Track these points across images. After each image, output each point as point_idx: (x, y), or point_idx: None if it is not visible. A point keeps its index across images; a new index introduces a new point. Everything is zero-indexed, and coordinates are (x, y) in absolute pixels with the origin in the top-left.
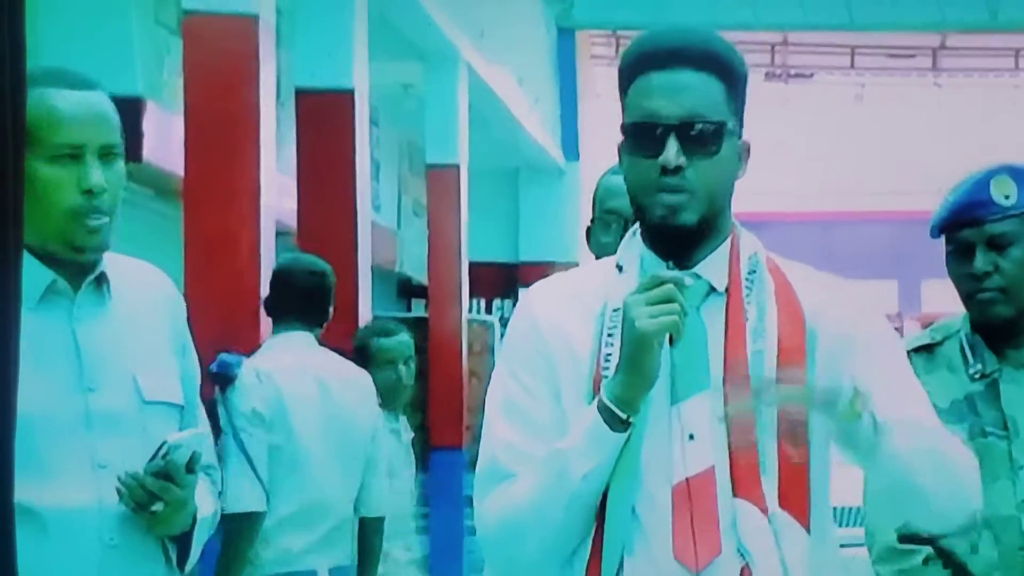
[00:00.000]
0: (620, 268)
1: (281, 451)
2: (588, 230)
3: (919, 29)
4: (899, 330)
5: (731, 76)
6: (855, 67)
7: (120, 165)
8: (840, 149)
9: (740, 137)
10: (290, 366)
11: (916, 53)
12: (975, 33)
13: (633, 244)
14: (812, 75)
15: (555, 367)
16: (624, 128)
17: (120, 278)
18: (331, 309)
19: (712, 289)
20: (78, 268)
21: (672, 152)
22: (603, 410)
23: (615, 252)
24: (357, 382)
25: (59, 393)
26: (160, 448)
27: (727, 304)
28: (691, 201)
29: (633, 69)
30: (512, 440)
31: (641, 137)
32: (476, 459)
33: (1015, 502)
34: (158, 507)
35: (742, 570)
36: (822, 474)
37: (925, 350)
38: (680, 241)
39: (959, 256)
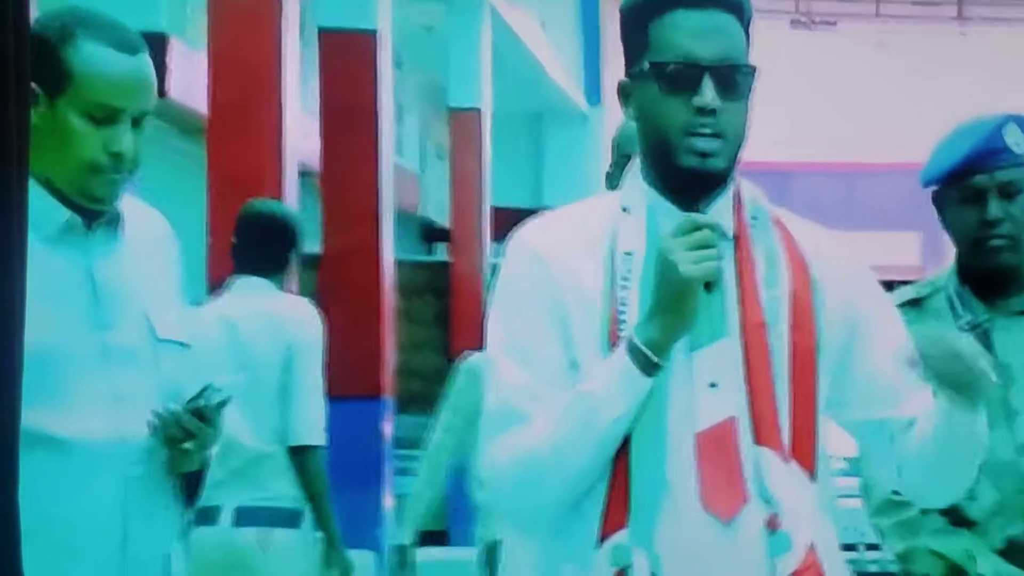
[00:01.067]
0: (625, 209)
1: None
2: (608, 175)
3: None
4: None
5: (746, 19)
6: (879, 15)
7: (145, 127)
8: (864, 98)
9: None
10: (199, 312)
11: (941, 1)
12: None
13: (636, 184)
14: (836, 23)
15: (566, 306)
16: (653, 67)
17: (128, 219)
18: (290, 255)
19: (721, 235)
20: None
21: (710, 94)
22: (635, 353)
23: None
24: (276, 315)
25: (77, 327)
26: (204, 389)
27: (736, 251)
28: (723, 146)
29: (655, 6)
30: (523, 382)
31: (675, 77)
32: None
33: (1013, 447)
34: (189, 445)
35: (770, 519)
36: (824, 424)
37: (912, 304)
38: (706, 187)
39: (967, 203)
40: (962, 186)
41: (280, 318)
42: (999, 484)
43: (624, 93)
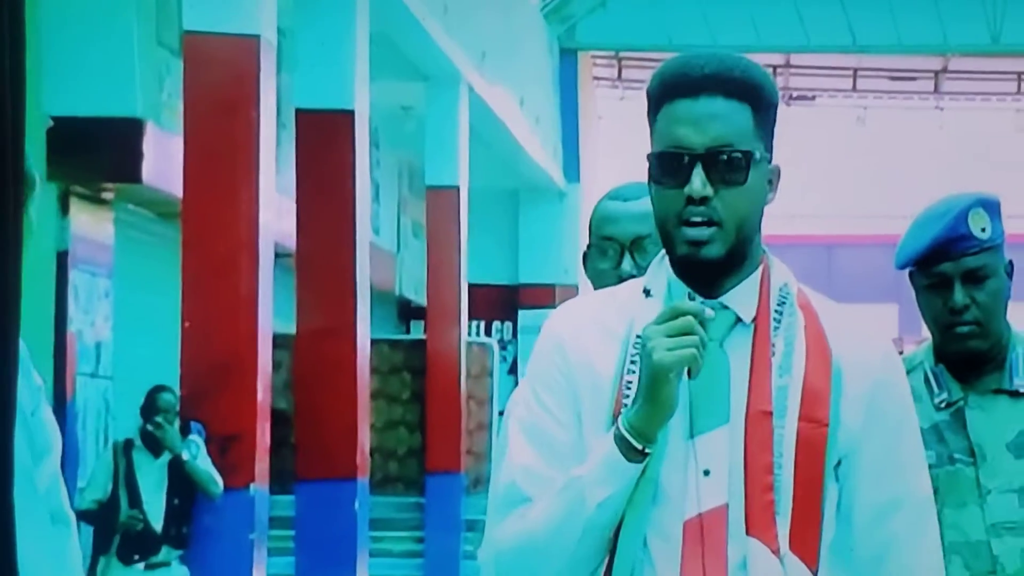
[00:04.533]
0: (648, 293)
1: None
2: (584, 255)
3: (921, 52)
4: (900, 353)
5: (760, 103)
6: (857, 90)
7: None
8: (842, 172)
9: (770, 163)
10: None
11: (918, 76)
12: (977, 56)
13: (661, 269)
14: (814, 98)
15: (577, 389)
16: (650, 157)
17: None
18: None
19: (738, 320)
20: None
21: (698, 183)
22: (619, 440)
23: (611, 279)
24: None
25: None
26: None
27: (754, 337)
28: (718, 234)
29: (661, 97)
30: (531, 464)
31: (667, 166)
32: (474, 483)
33: (984, 527)
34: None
35: None
36: (833, 519)
37: None
38: (707, 274)
39: (935, 289)
40: (929, 273)
41: None
42: (970, 564)
43: (648, 186)
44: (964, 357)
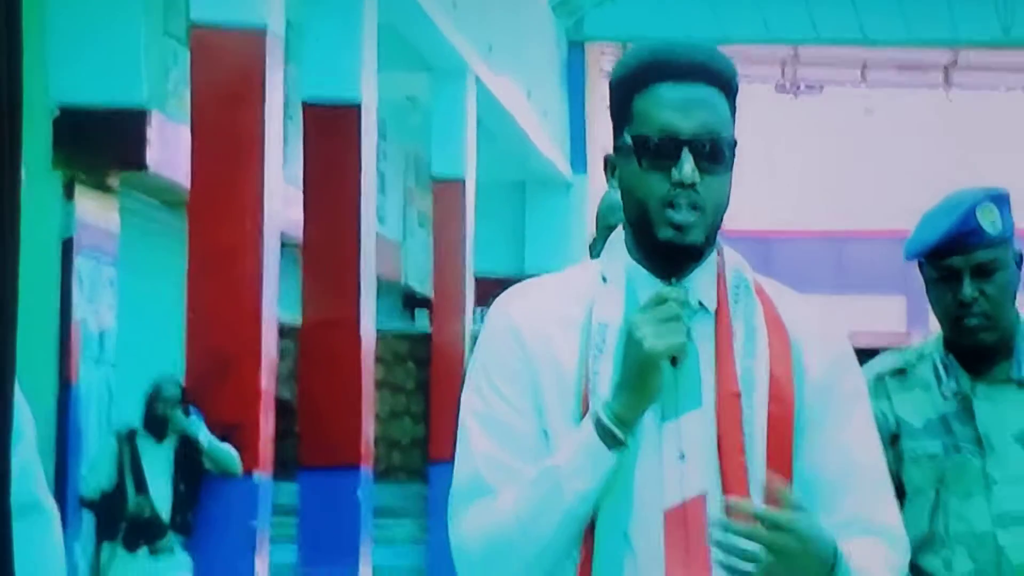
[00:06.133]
0: (604, 279)
1: None
2: (591, 245)
3: (931, 45)
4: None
5: (732, 93)
6: (866, 81)
7: None
8: (850, 164)
9: None
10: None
11: (927, 68)
12: (987, 49)
13: (617, 253)
14: (822, 89)
15: (539, 379)
16: (634, 140)
17: None
18: None
19: (700, 306)
20: None
21: (688, 168)
22: (600, 428)
23: None
24: None
25: None
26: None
27: (716, 321)
28: (701, 219)
29: (640, 80)
30: (493, 454)
31: (653, 150)
32: None
33: (990, 517)
34: None
35: None
36: (805, 501)
37: (898, 373)
38: (684, 260)
39: (944, 282)
40: (939, 266)
41: None
42: (975, 555)
43: (609, 166)
44: (973, 349)
